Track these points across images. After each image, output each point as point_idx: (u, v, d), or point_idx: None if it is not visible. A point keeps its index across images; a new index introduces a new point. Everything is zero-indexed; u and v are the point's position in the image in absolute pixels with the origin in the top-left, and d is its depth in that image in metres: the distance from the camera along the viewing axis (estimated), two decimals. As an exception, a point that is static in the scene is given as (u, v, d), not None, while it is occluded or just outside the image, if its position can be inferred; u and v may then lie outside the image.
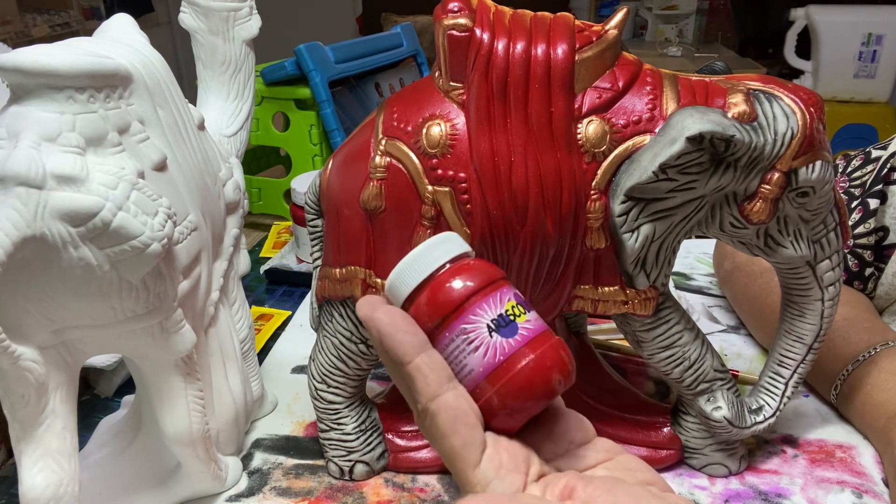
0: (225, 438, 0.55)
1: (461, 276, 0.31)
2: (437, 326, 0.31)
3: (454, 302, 0.31)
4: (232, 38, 0.58)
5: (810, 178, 0.44)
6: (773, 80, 0.46)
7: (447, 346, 0.31)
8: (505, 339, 0.30)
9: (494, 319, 0.31)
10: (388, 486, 0.54)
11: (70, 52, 0.38)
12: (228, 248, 0.55)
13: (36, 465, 0.39)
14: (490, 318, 0.31)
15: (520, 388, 0.30)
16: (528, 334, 0.31)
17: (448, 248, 0.33)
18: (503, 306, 0.31)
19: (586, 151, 0.44)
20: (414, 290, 0.32)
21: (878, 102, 2.14)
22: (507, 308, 0.31)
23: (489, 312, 0.31)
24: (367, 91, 1.09)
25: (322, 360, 0.53)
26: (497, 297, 0.31)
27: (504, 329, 0.30)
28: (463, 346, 0.31)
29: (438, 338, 0.31)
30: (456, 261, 0.32)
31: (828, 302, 0.50)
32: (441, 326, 0.31)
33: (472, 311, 0.31)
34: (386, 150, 0.46)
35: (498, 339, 0.30)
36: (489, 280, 0.31)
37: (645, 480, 0.32)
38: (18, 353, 0.37)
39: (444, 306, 0.31)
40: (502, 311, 0.31)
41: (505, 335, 0.30)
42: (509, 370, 0.30)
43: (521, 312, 0.31)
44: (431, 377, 0.30)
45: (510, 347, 0.30)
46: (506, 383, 0.30)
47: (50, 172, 0.36)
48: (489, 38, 0.44)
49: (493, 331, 0.30)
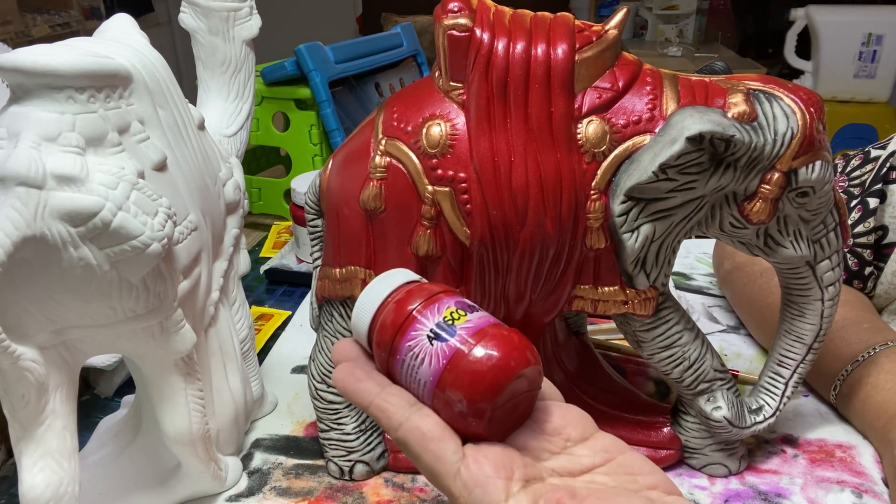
0: (225, 438, 0.55)
1: (399, 301, 0.33)
2: (391, 352, 0.32)
3: (397, 324, 0.32)
4: (232, 38, 0.58)
5: (810, 178, 0.44)
6: (772, 80, 0.46)
7: (402, 368, 0.32)
8: (443, 343, 0.31)
9: (433, 329, 0.32)
10: (388, 486, 0.54)
11: (70, 52, 0.38)
12: (228, 247, 0.55)
13: (36, 465, 0.39)
14: (429, 328, 0.32)
15: (467, 383, 0.30)
16: (467, 333, 0.31)
17: (391, 281, 0.34)
18: (440, 315, 0.32)
19: (586, 151, 0.44)
20: (369, 327, 0.34)
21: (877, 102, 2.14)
22: (444, 315, 0.32)
23: (427, 324, 0.32)
24: (367, 91, 1.09)
25: (322, 360, 0.53)
26: (434, 308, 0.32)
27: (442, 334, 0.31)
28: (412, 363, 0.32)
29: (394, 361, 0.33)
30: (399, 289, 0.34)
31: (827, 302, 0.50)
32: (392, 351, 0.32)
33: (413, 328, 0.32)
34: (386, 150, 0.46)
35: (438, 345, 0.31)
36: (426, 296, 0.33)
37: (647, 485, 0.31)
38: (18, 353, 0.37)
39: (390, 331, 0.32)
40: (440, 320, 0.32)
41: (443, 339, 0.31)
42: (453, 370, 0.31)
43: (461, 315, 0.32)
44: (391, 409, 0.31)
45: (449, 349, 0.31)
46: (452, 384, 0.30)
47: (50, 172, 0.36)
48: (489, 38, 0.44)
49: (433, 339, 0.31)
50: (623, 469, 0.32)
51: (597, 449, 0.32)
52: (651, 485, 0.31)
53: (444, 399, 0.31)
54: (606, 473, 0.32)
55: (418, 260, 0.47)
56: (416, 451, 0.31)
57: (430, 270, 0.47)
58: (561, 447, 0.32)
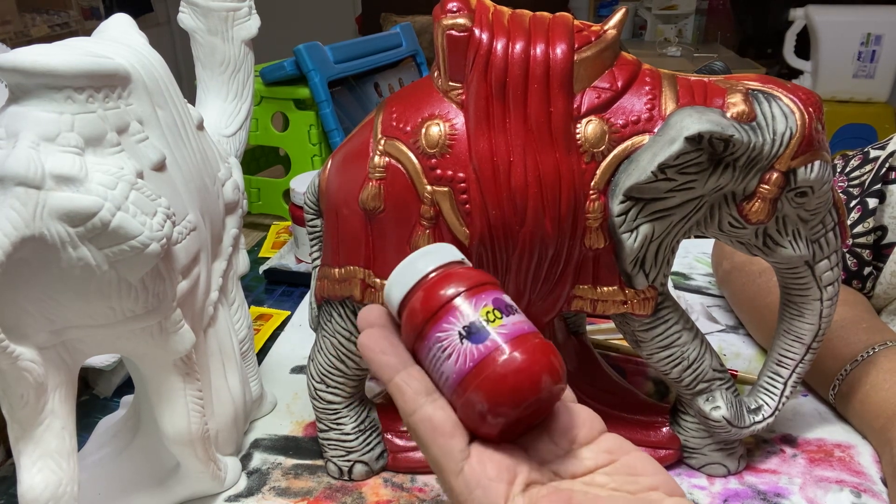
0: (224, 438, 0.55)
1: (439, 285, 0.32)
2: (419, 335, 0.32)
3: (430, 311, 0.31)
4: (231, 38, 0.58)
5: (809, 177, 0.44)
6: (771, 80, 0.46)
7: (427, 354, 0.32)
8: (475, 345, 0.30)
9: (466, 326, 0.31)
10: (387, 486, 0.54)
11: (69, 52, 0.38)
12: (227, 248, 0.55)
13: (35, 465, 0.39)
14: (462, 325, 0.31)
15: (491, 392, 0.30)
16: (501, 339, 0.30)
17: (435, 257, 0.33)
18: (477, 312, 0.31)
19: (585, 151, 0.44)
20: (403, 300, 0.33)
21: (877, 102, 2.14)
22: (480, 314, 0.31)
23: (461, 320, 0.31)
24: (367, 91, 1.09)
25: (321, 360, 0.53)
26: (472, 302, 0.31)
27: (475, 335, 0.31)
28: (438, 354, 0.31)
29: (421, 346, 0.32)
30: (440, 269, 0.33)
31: (826, 302, 0.50)
32: (421, 335, 0.32)
33: (446, 320, 0.31)
34: (385, 150, 0.46)
35: (468, 345, 0.30)
36: (466, 286, 0.32)
37: (648, 486, 0.31)
38: (17, 353, 0.37)
39: (422, 315, 0.32)
40: (474, 319, 0.31)
41: (475, 341, 0.30)
42: (478, 375, 0.30)
43: (497, 317, 0.31)
44: (409, 393, 0.31)
45: (479, 353, 0.30)
46: (476, 388, 0.30)
47: (49, 172, 0.36)
48: (488, 38, 0.44)
49: (465, 337, 0.31)
50: (625, 469, 0.32)
51: (600, 450, 0.32)
52: (652, 485, 0.31)
53: (464, 399, 0.30)
54: (607, 474, 0.32)
55: (417, 260, 0.47)
56: (425, 442, 0.31)
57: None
58: (567, 448, 0.32)
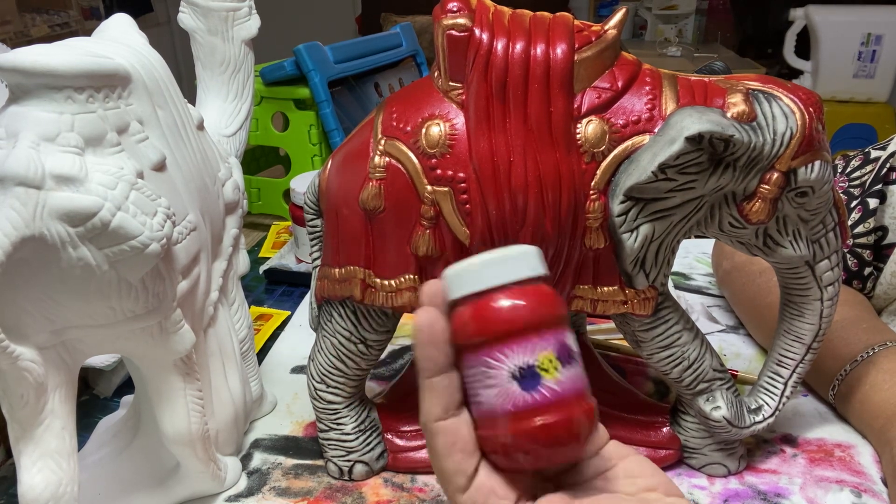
0: (224, 439, 0.55)
1: (506, 307, 0.30)
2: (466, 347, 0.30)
3: (485, 332, 0.30)
4: (231, 38, 0.58)
5: (809, 177, 0.44)
6: (772, 80, 0.46)
7: (469, 369, 0.31)
8: (522, 390, 0.29)
9: (519, 368, 0.29)
10: (388, 486, 0.54)
11: (69, 52, 0.38)
12: (227, 248, 0.55)
13: (35, 465, 0.39)
14: (514, 364, 0.29)
15: (522, 443, 0.29)
16: (550, 396, 0.29)
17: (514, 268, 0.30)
18: (534, 355, 0.29)
19: (585, 151, 0.44)
20: (462, 298, 0.31)
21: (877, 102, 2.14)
22: (539, 359, 0.29)
23: (515, 358, 0.29)
24: (367, 91, 1.09)
25: (321, 360, 0.53)
26: (533, 343, 0.29)
27: (525, 381, 0.29)
28: (481, 377, 0.30)
29: (464, 359, 0.31)
30: (514, 287, 0.30)
31: (827, 302, 0.50)
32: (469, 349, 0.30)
33: (500, 350, 0.29)
34: (385, 150, 0.46)
35: (515, 387, 0.29)
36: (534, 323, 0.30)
37: (646, 487, 0.31)
38: (17, 353, 0.37)
39: (477, 332, 0.30)
40: (532, 362, 0.29)
41: (524, 387, 0.29)
42: (515, 422, 0.29)
43: (553, 368, 0.29)
44: (442, 399, 0.30)
45: (522, 401, 0.29)
46: (509, 432, 0.29)
47: (49, 172, 0.36)
48: (488, 37, 0.44)
49: (515, 378, 0.29)
50: (623, 472, 0.32)
51: (600, 457, 0.33)
52: (650, 486, 0.31)
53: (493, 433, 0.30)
54: (606, 479, 0.32)
55: (418, 260, 0.47)
56: (440, 452, 0.30)
57: (429, 271, 0.47)
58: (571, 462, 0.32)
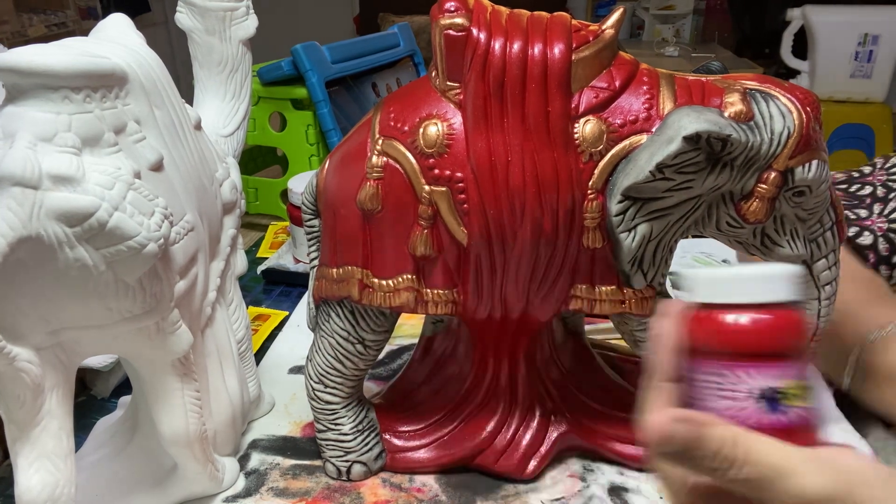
0: (222, 439, 0.55)
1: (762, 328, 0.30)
2: (705, 354, 0.30)
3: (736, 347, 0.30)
4: (228, 38, 0.57)
5: (807, 177, 0.44)
6: (769, 80, 0.46)
7: (699, 373, 0.30)
8: (765, 413, 0.29)
9: (764, 389, 0.29)
10: (386, 486, 0.54)
11: (66, 52, 0.38)
12: (225, 248, 0.55)
13: (32, 466, 0.39)
14: (758, 385, 0.30)
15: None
16: (786, 422, 0.29)
17: (777, 287, 0.30)
18: (785, 382, 0.30)
19: (583, 151, 0.44)
20: (713, 305, 0.31)
21: (874, 102, 2.14)
22: (787, 385, 0.30)
23: (765, 379, 0.30)
24: (364, 91, 1.09)
25: (319, 361, 0.53)
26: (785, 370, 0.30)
27: (766, 402, 0.29)
28: (717, 391, 0.30)
29: (698, 360, 0.31)
30: (774, 307, 0.30)
31: (824, 301, 0.50)
32: (711, 355, 0.30)
33: (744, 368, 0.30)
34: (383, 150, 0.46)
35: (753, 406, 0.29)
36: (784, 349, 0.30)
37: None
38: (14, 354, 0.37)
39: (726, 345, 0.30)
40: (778, 386, 0.29)
41: (768, 410, 0.29)
42: None
43: (799, 396, 0.30)
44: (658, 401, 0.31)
45: (767, 424, 0.29)
46: None
47: (46, 173, 0.35)
48: (486, 37, 0.44)
49: (760, 399, 0.29)
50: None
51: None
52: None
53: None
54: None
55: (415, 260, 0.47)
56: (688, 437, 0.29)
57: (427, 271, 0.47)
58: None
